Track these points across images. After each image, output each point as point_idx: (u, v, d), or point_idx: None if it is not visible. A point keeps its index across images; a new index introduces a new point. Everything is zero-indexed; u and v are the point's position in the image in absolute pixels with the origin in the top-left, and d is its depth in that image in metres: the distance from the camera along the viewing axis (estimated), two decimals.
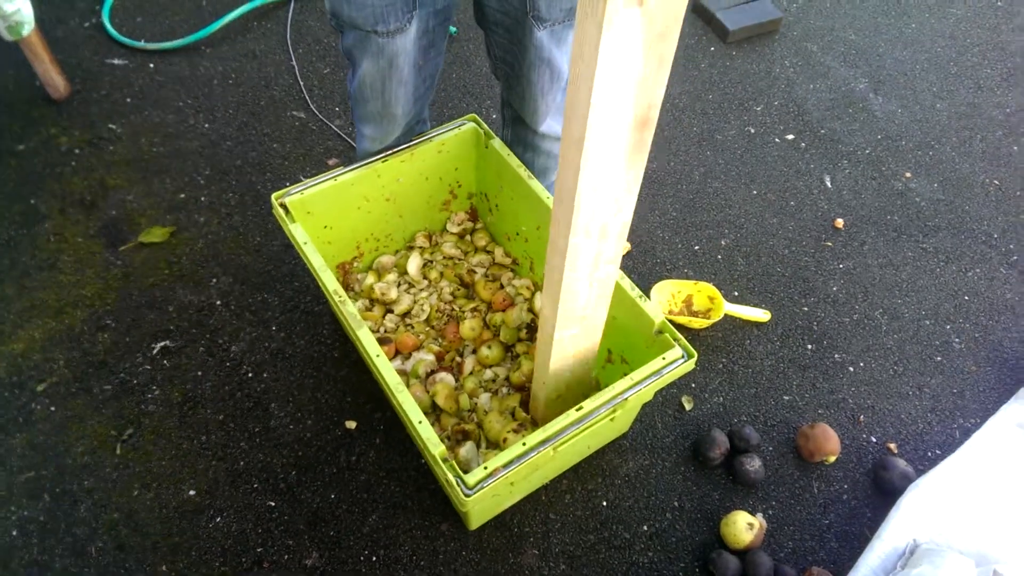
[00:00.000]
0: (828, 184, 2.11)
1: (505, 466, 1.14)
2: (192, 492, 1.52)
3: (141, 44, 2.38)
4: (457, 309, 1.71)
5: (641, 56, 0.79)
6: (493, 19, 1.39)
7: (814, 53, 2.48)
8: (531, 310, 1.68)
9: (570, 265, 1.06)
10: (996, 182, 2.12)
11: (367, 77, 1.36)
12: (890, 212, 2.05)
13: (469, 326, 1.64)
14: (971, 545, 1.35)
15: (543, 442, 1.17)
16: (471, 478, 1.12)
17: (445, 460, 1.15)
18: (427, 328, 1.68)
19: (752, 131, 2.24)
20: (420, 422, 1.18)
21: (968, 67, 2.45)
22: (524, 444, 1.15)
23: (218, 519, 1.49)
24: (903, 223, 2.02)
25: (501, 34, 1.41)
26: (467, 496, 1.11)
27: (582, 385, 1.41)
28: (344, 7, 1.24)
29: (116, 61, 2.36)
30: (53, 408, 1.63)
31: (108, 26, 2.42)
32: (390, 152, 1.57)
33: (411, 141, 1.60)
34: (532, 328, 1.67)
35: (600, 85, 0.79)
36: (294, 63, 2.37)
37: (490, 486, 1.13)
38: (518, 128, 1.63)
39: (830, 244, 1.97)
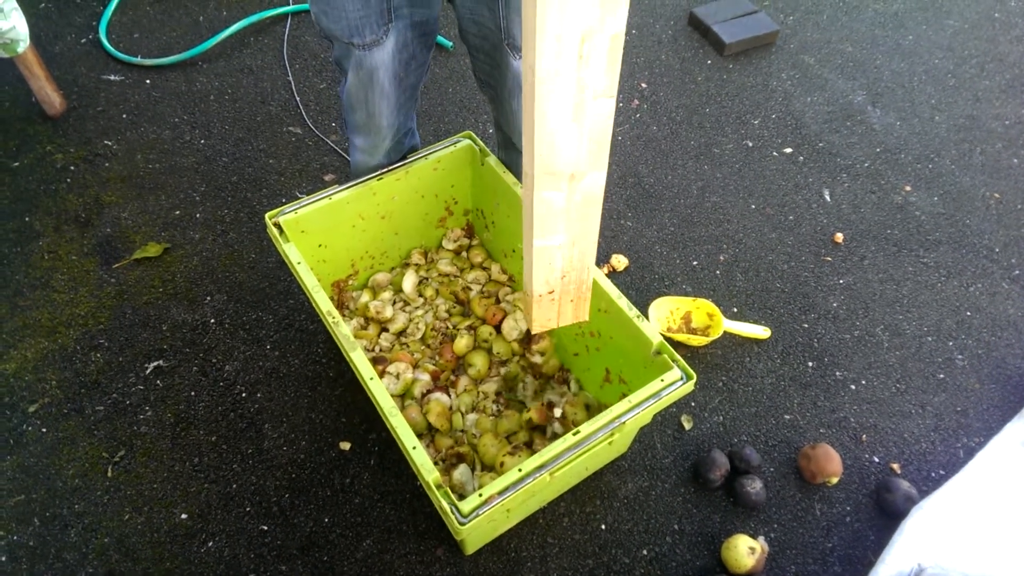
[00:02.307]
0: (827, 198, 2.09)
1: (500, 493, 1.11)
2: (184, 516, 1.50)
3: (138, 60, 2.38)
4: (451, 327, 1.69)
5: None
6: (472, 43, 1.39)
7: (811, 66, 2.47)
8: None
9: (542, 96, 0.83)
10: (997, 195, 2.10)
11: (352, 87, 1.37)
12: (890, 226, 2.03)
13: (463, 343, 1.63)
14: (977, 569, 1.32)
15: (540, 467, 1.15)
16: (466, 505, 1.10)
17: (439, 487, 1.13)
18: (422, 347, 1.66)
19: (750, 145, 2.23)
20: (414, 447, 1.16)
21: (966, 79, 2.44)
22: (520, 470, 1.13)
23: (210, 543, 1.46)
24: (903, 237, 2.00)
25: (482, 59, 1.41)
26: (462, 524, 1.09)
27: (578, 286, 1.15)
28: (323, 18, 1.26)
29: (112, 77, 2.35)
30: (44, 430, 1.61)
31: (105, 42, 2.41)
32: (385, 170, 1.56)
33: (404, 155, 1.60)
34: (528, 339, 1.66)
35: None
36: (290, 79, 2.36)
37: (485, 513, 1.11)
38: (510, 152, 1.63)
39: (830, 259, 1.95)
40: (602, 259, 1.93)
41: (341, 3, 1.21)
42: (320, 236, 1.57)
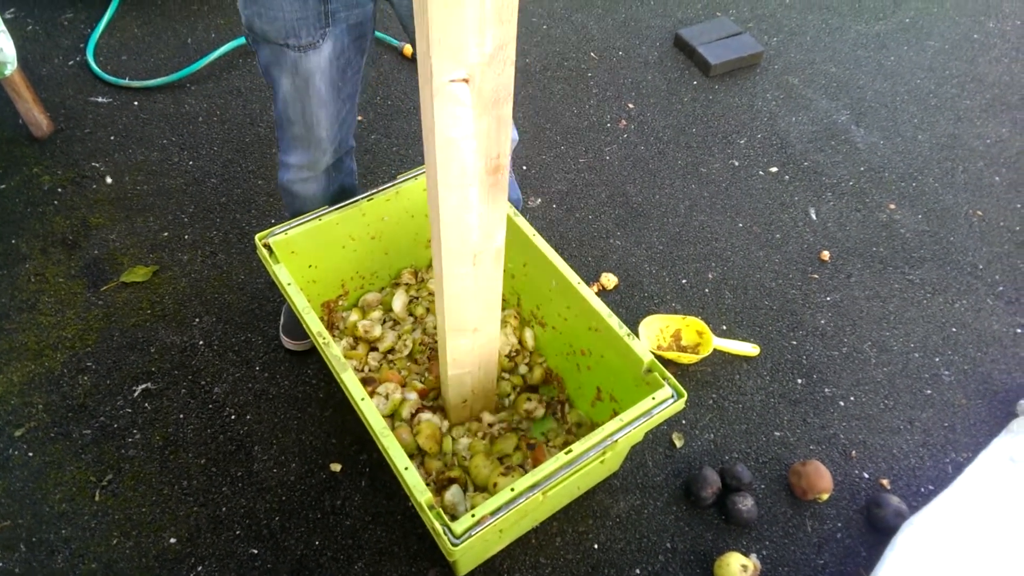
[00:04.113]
0: (813, 216, 2.12)
1: (493, 513, 1.11)
2: (173, 540, 1.48)
3: (125, 82, 2.38)
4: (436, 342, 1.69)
5: (475, 119, 0.93)
6: (413, 37, 1.39)
7: (796, 86, 2.51)
8: (519, 341, 1.67)
9: (449, 290, 1.19)
10: (979, 212, 2.14)
11: (287, 97, 1.34)
12: (875, 244, 2.05)
13: None
14: None
15: (532, 487, 1.15)
16: (458, 526, 1.09)
17: (432, 508, 1.12)
18: (409, 364, 1.66)
19: (736, 164, 2.26)
20: (406, 468, 1.16)
21: (947, 98, 2.48)
22: (512, 490, 1.13)
23: (199, 568, 1.45)
24: (889, 255, 2.03)
25: None
26: (455, 545, 1.08)
27: (485, 394, 1.53)
28: (256, 20, 1.24)
29: (100, 99, 2.35)
30: (31, 454, 1.59)
31: (92, 64, 2.41)
32: (376, 190, 1.57)
33: (342, 189, 1.58)
34: (517, 354, 1.67)
35: (441, 140, 0.93)
36: None
37: (478, 534, 1.10)
38: None
39: (816, 276, 1.97)
40: (592, 277, 1.94)
41: (278, 4, 1.20)
42: (310, 257, 1.57)
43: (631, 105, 2.42)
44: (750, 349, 1.79)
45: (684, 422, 1.68)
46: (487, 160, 1.00)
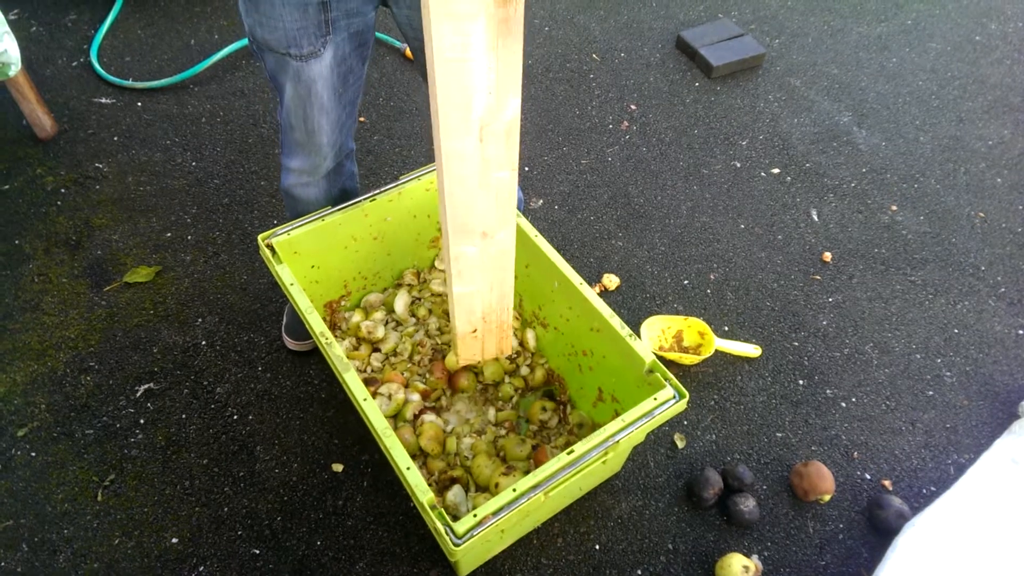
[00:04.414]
0: (815, 218, 2.12)
1: (495, 513, 1.11)
2: (175, 540, 1.48)
3: (129, 83, 2.39)
4: (442, 344, 1.69)
5: None
6: (413, 44, 1.39)
7: (797, 88, 2.51)
8: (521, 342, 1.67)
9: (449, 172, 0.97)
10: (981, 214, 2.13)
11: (291, 103, 1.35)
12: (877, 245, 2.05)
13: (455, 360, 1.62)
14: None
15: (534, 487, 1.15)
16: (460, 526, 1.09)
17: (434, 508, 1.12)
18: (410, 365, 1.66)
19: (738, 165, 2.26)
20: (408, 468, 1.16)
21: (949, 100, 2.48)
22: (514, 490, 1.13)
23: (201, 568, 1.45)
24: (890, 256, 2.03)
25: (421, 56, 1.41)
26: (456, 545, 1.08)
27: (499, 325, 1.34)
28: (258, 29, 1.24)
29: (104, 100, 2.36)
30: (34, 454, 1.60)
31: (96, 65, 2.42)
32: (378, 191, 1.57)
33: (343, 191, 1.59)
34: (518, 355, 1.66)
35: None
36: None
37: (480, 534, 1.10)
38: None
39: (818, 278, 1.97)
40: (594, 278, 1.94)
41: (278, 13, 1.20)
42: (313, 257, 1.58)
43: (633, 107, 2.43)
44: (752, 350, 1.79)
45: (686, 423, 1.68)
46: None
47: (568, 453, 1.19)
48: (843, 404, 1.72)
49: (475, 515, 1.10)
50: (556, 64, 2.56)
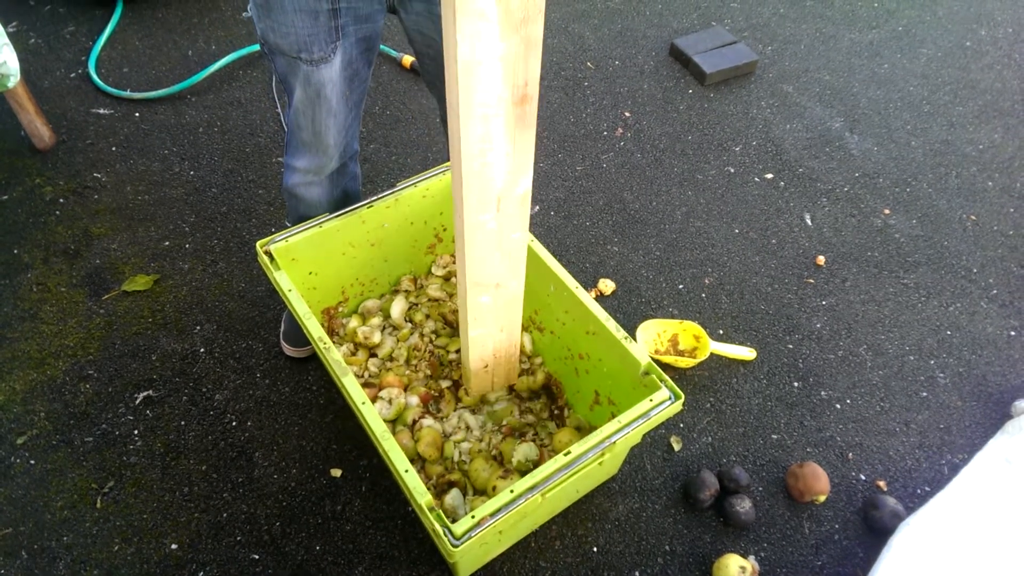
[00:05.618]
0: (808, 222, 2.14)
1: (493, 515, 1.12)
2: (174, 546, 1.49)
3: (127, 94, 2.40)
4: (435, 346, 1.70)
5: (501, 38, 0.86)
6: (419, 50, 1.42)
7: (790, 94, 2.53)
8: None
9: (470, 238, 1.11)
10: (973, 217, 2.16)
11: (300, 105, 1.37)
12: (870, 248, 2.07)
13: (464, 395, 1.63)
14: None
15: (531, 488, 1.16)
16: (458, 528, 1.10)
17: (432, 509, 1.13)
18: (408, 372, 1.67)
19: (732, 171, 2.28)
20: (407, 471, 1.17)
21: (941, 105, 2.51)
22: (512, 492, 1.14)
23: (201, 574, 1.45)
24: (883, 259, 2.05)
25: (428, 62, 1.43)
26: (455, 547, 1.09)
27: (507, 360, 1.46)
28: (270, 34, 1.27)
29: (102, 111, 2.37)
30: (33, 461, 1.60)
31: (94, 76, 2.44)
32: (375, 198, 1.58)
33: (345, 193, 1.60)
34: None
35: (463, 63, 0.86)
36: (279, 111, 2.39)
37: (478, 535, 1.11)
38: None
39: (812, 281, 1.99)
40: (590, 283, 1.96)
41: (290, 20, 1.23)
42: (310, 264, 1.59)
43: (627, 114, 2.45)
44: (747, 353, 1.80)
45: (682, 425, 1.69)
46: (514, 88, 0.92)
47: (565, 454, 1.20)
48: (837, 406, 1.73)
49: (473, 516, 1.11)
50: (551, 72, 2.59)
